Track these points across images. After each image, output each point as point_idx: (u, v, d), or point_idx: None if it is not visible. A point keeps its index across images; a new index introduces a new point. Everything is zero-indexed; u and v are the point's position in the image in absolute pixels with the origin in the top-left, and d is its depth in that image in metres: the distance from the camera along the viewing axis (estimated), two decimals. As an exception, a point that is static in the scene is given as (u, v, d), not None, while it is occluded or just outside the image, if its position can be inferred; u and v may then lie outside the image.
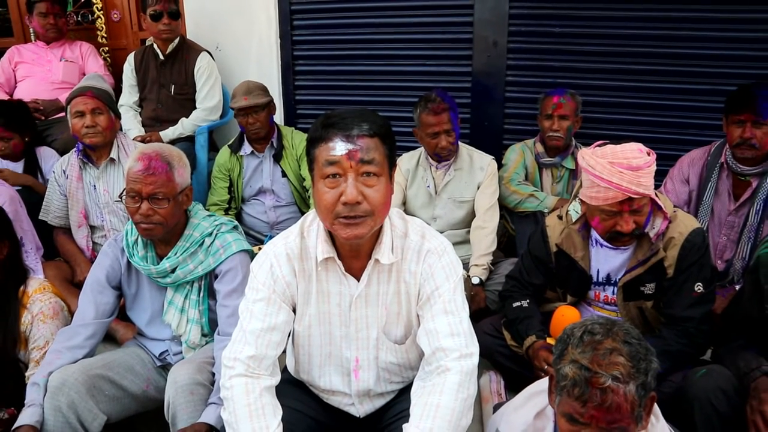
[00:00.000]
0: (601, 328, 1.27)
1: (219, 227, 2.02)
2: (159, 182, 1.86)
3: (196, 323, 2.02)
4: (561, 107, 2.80)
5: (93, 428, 1.81)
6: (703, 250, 1.91)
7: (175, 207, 1.92)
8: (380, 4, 3.49)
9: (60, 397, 1.76)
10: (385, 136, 1.40)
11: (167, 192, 1.87)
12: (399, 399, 1.66)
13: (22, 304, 1.96)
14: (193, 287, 2.01)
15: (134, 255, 1.98)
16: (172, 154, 1.94)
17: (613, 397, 1.17)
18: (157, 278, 1.99)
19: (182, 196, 1.94)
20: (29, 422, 1.72)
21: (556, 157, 2.91)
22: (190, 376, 1.79)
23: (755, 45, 2.94)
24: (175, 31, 3.49)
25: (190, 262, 1.97)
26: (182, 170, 1.94)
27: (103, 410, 1.84)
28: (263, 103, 3.03)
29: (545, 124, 2.86)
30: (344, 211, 1.35)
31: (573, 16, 3.18)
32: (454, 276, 1.53)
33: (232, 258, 1.96)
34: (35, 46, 3.82)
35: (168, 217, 1.89)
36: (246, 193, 3.21)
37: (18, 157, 3.15)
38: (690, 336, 1.90)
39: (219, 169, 3.20)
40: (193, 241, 1.96)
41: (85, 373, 1.83)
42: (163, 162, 1.88)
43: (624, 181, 1.75)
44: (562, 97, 2.81)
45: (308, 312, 1.57)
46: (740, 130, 2.34)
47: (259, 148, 3.16)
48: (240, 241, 2.01)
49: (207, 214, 2.06)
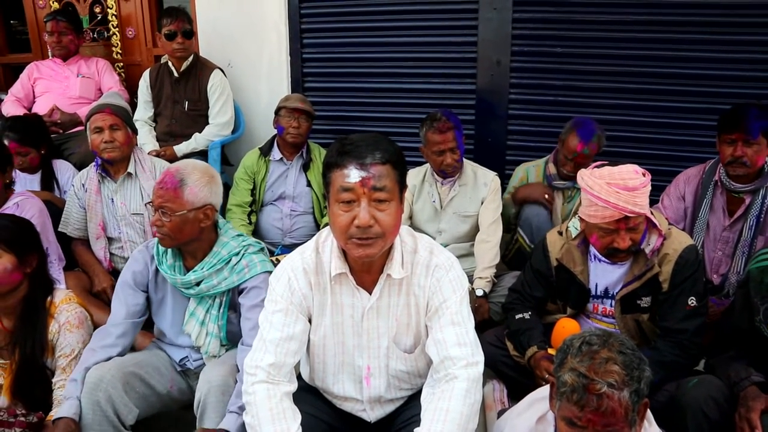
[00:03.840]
0: (598, 339, 1.36)
1: (246, 248, 2.06)
2: (166, 196, 1.92)
3: (215, 337, 2.07)
4: (583, 157, 2.67)
5: (128, 421, 1.90)
6: (696, 265, 1.98)
7: (184, 223, 1.94)
8: (388, 24, 3.58)
9: (98, 392, 1.85)
10: (396, 162, 1.48)
11: (172, 207, 1.91)
12: (409, 405, 1.74)
13: (49, 313, 2.03)
14: (215, 302, 2.05)
15: (163, 263, 2.04)
16: (191, 172, 1.97)
17: (608, 403, 1.26)
18: (181, 288, 2.04)
19: (196, 213, 1.95)
20: (67, 414, 1.80)
21: (569, 182, 2.84)
22: (224, 377, 1.88)
23: (749, 66, 3.02)
24: (189, 49, 3.58)
25: (215, 278, 2.01)
26: (197, 189, 1.94)
27: (136, 405, 1.94)
28: (312, 114, 3.27)
29: (562, 161, 2.78)
30: (357, 234, 1.44)
31: (574, 37, 3.26)
32: (460, 289, 1.62)
33: (257, 277, 2.00)
34: (53, 62, 3.91)
35: (174, 230, 1.93)
36: (266, 197, 3.31)
37: (35, 170, 3.22)
38: (684, 347, 1.96)
39: (245, 170, 3.30)
40: (220, 259, 2.01)
41: (120, 370, 1.92)
42: (176, 178, 1.94)
43: (620, 201, 1.83)
44: (586, 146, 2.66)
45: (323, 323, 1.65)
46: (731, 149, 2.39)
47: (288, 156, 3.29)
48: (265, 263, 2.05)
49: (236, 234, 2.11)
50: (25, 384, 2.00)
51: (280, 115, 3.24)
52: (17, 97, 3.84)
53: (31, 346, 1.99)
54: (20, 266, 1.98)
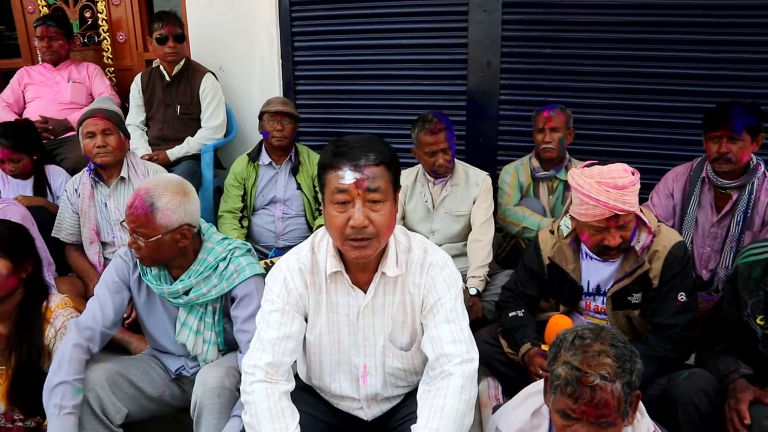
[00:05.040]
0: (591, 333, 1.39)
1: (233, 251, 2.01)
2: (138, 222, 1.85)
3: (213, 344, 2.04)
4: (551, 120, 2.93)
5: (116, 420, 1.90)
6: (685, 261, 2.01)
7: (160, 246, 1.87)
8: (378, 26, 3.60)
9: (86, 392, 1.85)
10: (390, 164, 1.50)
11: (146, 233, 1.85)
12: (405, 403, 1.76)
13: (45, 318, 2.04)
14: (207, 310, 2.01)
15: (147, 273, 1.99)
16: (161, 194, 1.86)
17: (601, 394, 1.30)
18: (169, 298, 2.00)
19: (172, 235, 1.87)
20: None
21: (551, 170, 2.99)
22: (219, 380, 1.85)
23: (733, 65, 3.08)
24: (180, 53, 3.58)
25: (204, 285, 1.96)
26: (169, 212, 1.85)
27: (124, 405, 1.94)
28: (295, 115, 3.28)
29: (538, 138, 2.97)
30: (352, 234, 1.47)
31: (563, 38, 3.30)
32: (454, 287, 1.64)
33: (248, 282, 1.96)
34: (43, 67, 3.90)
35: (151, 252, 1.88)
36: (258, 202, 3.33)
37: (27, 176, 3.21)
38: (674, 342, 1.99)
39: (235, 177, 3.32)
40: (207, 266, 1.96)
41: (106, 371, 1.92)
42: (146, 203, 1.85)
43: (610, 199, 1.86)
44: (552, 111, 2.94)
45: (319, 322, 1.67)
46: (717, 146, 2.43)
47: (277, 160, 3.31)
48: (254, 265, 2.00)
49: (221, 238, 2.05)
50: (22, 389, 1.99)
51: (264, 120, 3.26)
52: (8, 103, 3.82)
53: (28, 351, 1.99)
54: (16, 271, 1.98)
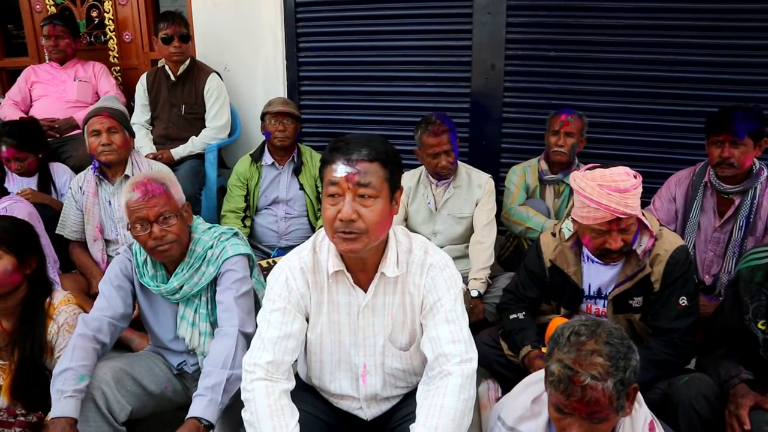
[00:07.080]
0: (587, 330, 1.41)
1: (219, 237, 2.04)
2: (162, 202, 1.89)
3: (209, 335, 2.03)
4: (568, 125, 2.93)
5: (120, 418, 1.91)
6: (686, 266, 2.01)
7: (183, 223, 1.96)
8: (383, 28, 3.62)
9: (92, 389, 1.86)
10: (386, 161, 1.50)
11: (172, 209, 1.91)
12: (404, 403, 1.76)
13: (48, 315, 2.04)
14: (201, 300, 2.03)
15: (144, 275, 2.01)
16: (162, 175, 1.99)
17: (592, 393, 1.33)
18: (167, 297, 2.02)
19: (184, 212, 1.98)
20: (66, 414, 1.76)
21: (559, 174, 3.00)
22: None
23: (736, 69, 3.09)
24: (186, 53, 3.60)
25: (196, 276, 1.99)
26: (176, 188, 1.98)
27: (128, 403, 1.94)
28: (297, 116, 3.29)
29: (551, 140, 2.97)
30: (341, 227, 1.48)
31: (567, 40, 3.31)
32: (454, 288, 1.65)
33: (228, 261, 1.98)
34: (50, 66, 3.93)
35: (180, 233, 1.93)
36: (260, 202, 3.35)
37: (32, 173, 3.24)
38: (675, 346, 1.99)
39: (237, 177, 3.34)
40: (197, 257, 1.99)
41: (111, 368, 1.93)
42: (158, 184, 1.91)
43: (612, 203, 1.86)
44: (570, 116, 2.95)
45: (320, 321, 1.68)
46: (719, 150, 2.44)
47: (279, 161, 3.33)
48: (237, 246, 2.02)
49: (207, 227, 2.08)
50: (25, 384, 2.00)
51: (266, 121, 3.28)
52: (14, 101, 3.85)
53: (31, 346, 2.00)
54: (20, 267, 1.99)
